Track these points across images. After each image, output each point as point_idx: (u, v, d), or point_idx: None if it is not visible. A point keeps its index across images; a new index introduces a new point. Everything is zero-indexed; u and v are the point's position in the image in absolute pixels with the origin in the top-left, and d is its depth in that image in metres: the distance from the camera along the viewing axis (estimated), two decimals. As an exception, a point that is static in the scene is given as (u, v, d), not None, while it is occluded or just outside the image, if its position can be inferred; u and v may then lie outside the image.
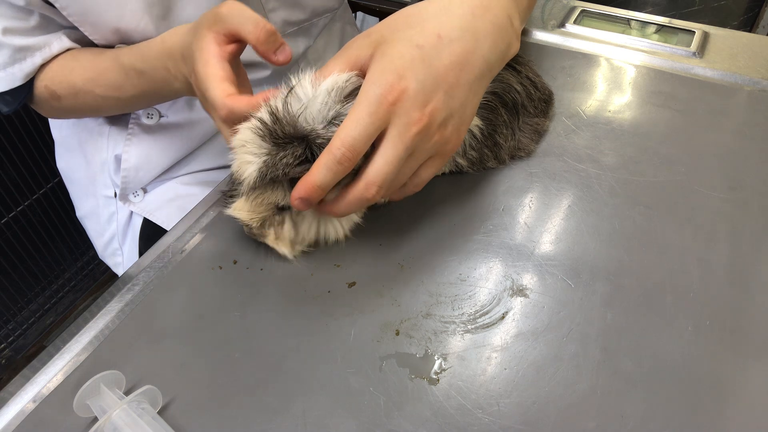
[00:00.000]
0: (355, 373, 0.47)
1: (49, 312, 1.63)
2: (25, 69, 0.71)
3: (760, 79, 0.77)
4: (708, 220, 0.59)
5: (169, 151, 0.84)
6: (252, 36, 0.53)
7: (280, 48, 0.55)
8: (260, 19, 0.54)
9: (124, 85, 0.70)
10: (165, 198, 0.87)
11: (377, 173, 0.47)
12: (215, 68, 0.54)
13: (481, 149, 0.62)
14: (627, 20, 0.91)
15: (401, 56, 0.46)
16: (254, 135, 0.50)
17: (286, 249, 0.56)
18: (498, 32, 0.50)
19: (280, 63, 0.55)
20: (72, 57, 0.73)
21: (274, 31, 0.54)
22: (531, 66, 0.69)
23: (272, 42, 0.54)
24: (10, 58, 0.70)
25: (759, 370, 0.47)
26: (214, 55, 0.55)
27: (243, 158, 0.50)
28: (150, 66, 0.66)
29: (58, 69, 0.73)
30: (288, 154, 0.49)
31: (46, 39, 0.71)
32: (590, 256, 0.56)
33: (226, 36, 0.55)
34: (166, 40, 0.64)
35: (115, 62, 0.70)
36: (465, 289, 0.53)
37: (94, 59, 0.72)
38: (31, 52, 0.70)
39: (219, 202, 0.63)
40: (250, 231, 0.55)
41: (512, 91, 0.63)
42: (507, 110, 0.63)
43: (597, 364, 0.47)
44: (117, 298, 0.54)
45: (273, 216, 0.54)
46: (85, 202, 0.94)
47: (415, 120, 0.46)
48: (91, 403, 0.44)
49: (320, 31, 0.91)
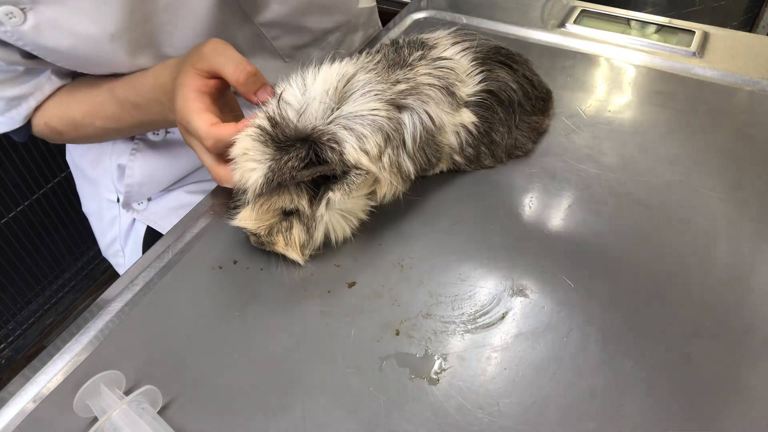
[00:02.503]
0: (355, 373, 0.47)
1: (49, 312, 1.63)
2: (23, 113, 0.72)
3: (760, 79, 0.77)
4: (708, 220, 0.59)
5: (173, 167, 0.84)
6: (232, 77, 0.55)
7: (261, 89, 0.56)
8: (241, 60, 0.55)
9: (122, 116, 0.71)
10: (169, 207, 0.87)
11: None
12: (195, 102, 0.55)
13: (478, 146, 0.62)
14: (627, 20, 0.91)
15: None
16: (255, 141, 0.49)
17: (297, 254, 0.55)
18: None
19: (260, 103, 0.55)
20: (67, 92, 0.74)
21: (254, 72, 0.55)
22: (529, 65, 0.69)
23: (252, 83, 0.55)
24: (5, 106, 0.71)
25: (759, 370, 0.47)
26: (193, 89, 0.56)
27: (245, 166, 0.50)
28: (144, 100, 0.67)
29: (55, 106, 0.73)
30: (293, 157, 0.49)
31: (37, 83, 0.71)
32: (590, 256, 0.56)
33: (209, 72, 0.56)
34: (158, 75, 0.65)
35: (110, 95, 0.70)
36: (465, 289, 0.53)
37: (89, 93, 0.72)
38: (25, 98, 0.71)
39: (223, 215, 0.62)
40: (258, 240, 0.55)
41: (508, 90, 0.63)
42: (503, 108, 0.63)
43: (597, 364, 0.47)
44: (117, 298, 0.54)
45: (280, 222, 0.54)
46: (90, 200, 0.94)
47: None
48: (91, 403, 0.44)
49: (339, 44, 0.89)
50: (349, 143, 0.49)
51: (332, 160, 0.49)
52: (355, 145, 0.50)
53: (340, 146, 0.49)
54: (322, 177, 0.51)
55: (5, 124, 0.72)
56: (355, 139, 0.50)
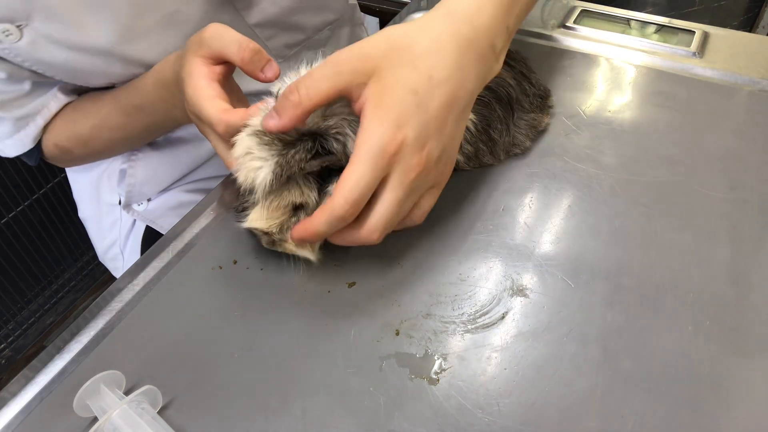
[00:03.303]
0: (355, 373, 0.47)
1: (49, 312, 1.63)
2: (31, 134, 0.73)
3: (760, 79, 0.77)
4: (708, 220, 0.59)
5: (175, 166, 0.84)
6: (237, 57, 0.54)
7: (267, 65, 0.55)
8: (244, 39, 0.54)
9: (128, 124, 0.71)
10: (168, 206, 0.87)
11: (379, 220, 0.48)
12: (205, 89, 0.55)
13: (476, 143, 0.62)
14: (627, 20, 0.91)
15: (400, 103, 0.46)
16: (257, 140, 0.49)
17: (308, 251, 0.54)
18: (481, 63, 0.52)
19: (269, 80, 0.55)
20: (73, 109, 0.74)
21: (258, 50, 0.54)
22: (526, 62, 0.69)
23: (258, 61, 0.54)
24: (14, 127, 0.72)
25: (759, 370, 0.47)
26: (202, 77, 0.55)
27: (251, 165, 0.49)
28: (148, 101, 0.67)
29: (62, 125, 0.74)
30: (299, 149, 0.48)
31: (43, 101, 0.72)
32: (590, 256, 0.56)
33: (213, 59, 0.56)
34: (158, 72, 0.64)
35: (114, 104, 0.70)
36: (465, 289, 0.53)
37: (94, 105, 0.73)
38: (32, 117, 0.72)
39: (224, 214, 0.62)
40: (270, 240, 0.54)
41: (506, 86, 0.63)
42: (501, 106, 0.63)
43: (597, 364, 0.47)
44: (117, 298, 0.54)
45: (290, 219, 0.53)
46: (88, 205, 0.94)
47: (413, 165, 0.47)
48: (91, 403, 0.44)
49: (327, 41, 0.90)
50: (351, 138, 0.49)
51: (338, 150, 0.49)
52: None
53: (344, 138, 0.49)
54: (327, 170, 0.51)
55: (15, 147, 0.73)
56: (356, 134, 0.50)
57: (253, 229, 0.53)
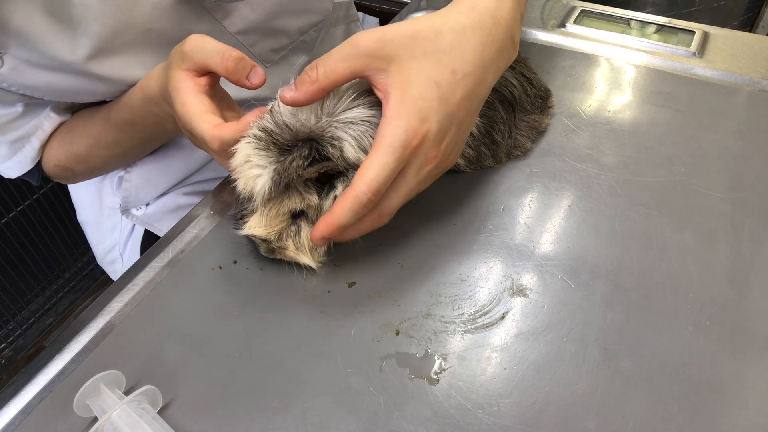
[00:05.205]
0: (355, 373, 0.47)
1: (49, 312, 1.63)
2: (29, 155, 0.73)
3: (760, 79, 0.77)
4: (708, 220, 0.59)
5: (170, 172, 0.84)
6: (221, 68, 0.54)
7: (252, 72, 0.55)
8: (225, 49, 0.54)
9: (122, 140, 0.71)
10: (166, 209, 0.87)
11: (390, 205, 0.50)
12: (194, 105, 0.54)
13: (479, 147, 0.62)
14: (627, 20, 0.91)
15: (422, 97, 0.47)
16: (256, 148, 0.49)
17: (308, 257, 0.54)
18: (501, 56, 0.53)
19: (255, 87, 0.55)
20: (68, 129, 0.74)
21: (241, 57, 0.54)
22: (527, 63, 0.69)
23: (242, 69, 0.54)
24: (10, 150, 0.72)
25: (759, 370, 0.47)
26: (189, 92, 0.55)
27: (249, 173, 0.50)
28: (138, 116, 0.67)
29: (59, 145, 0.74)
30: (296, 156, 0.49)
31: (36, 122, 0.72)
32: (590, 256, 0.56)
33: (196, 71, 0.55)
34: (145, 87, 0.64)
35: (106, 122, 0.70)
36: (465, 289, 0.53)
37: (87, 125, 0.73)
38: (27, 139, 0.72)
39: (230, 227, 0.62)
40: (269, 248, 0.54)
41: (509, 86, 0.63)
42: (504, 107, 0.63)
43: (597, 364, 0.47)
44: (117, 298, 0.54)
45: (288, 226, 0.53)
46: (87, 209, 0.94)
47: (431, 158, 0.49)
48: (91, 403, 0.44)
49: (320, 40, 0.89)
50: (347, 141, 0.49)
51: (334, 156, 0.49)
52: (353, 144, 0.50)
53: (340, 143, 0.50)
54: (325, 176, 0.51)
55: (15, 169, 0.74)
56: (353, 138, 0.50)
57: (252, 237, 0.54)
